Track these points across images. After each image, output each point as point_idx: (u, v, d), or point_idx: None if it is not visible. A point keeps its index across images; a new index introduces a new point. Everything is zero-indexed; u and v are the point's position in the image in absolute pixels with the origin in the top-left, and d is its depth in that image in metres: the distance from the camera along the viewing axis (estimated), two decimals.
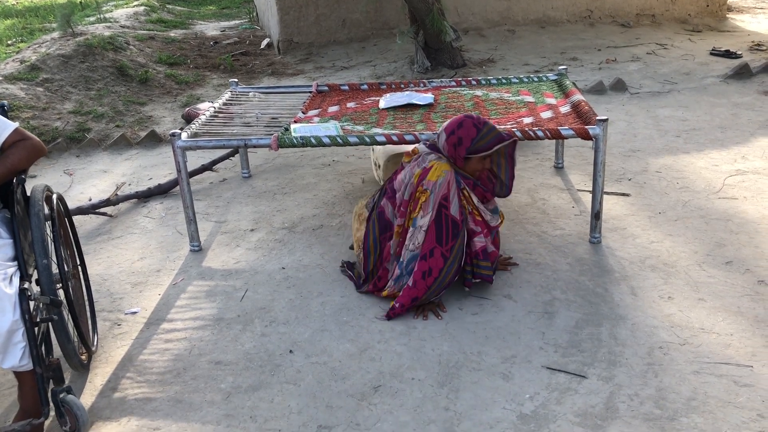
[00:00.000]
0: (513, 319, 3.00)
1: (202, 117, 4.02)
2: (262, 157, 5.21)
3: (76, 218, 4.27)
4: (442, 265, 2.99)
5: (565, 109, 3.89)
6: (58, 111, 5.98)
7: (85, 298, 3.05)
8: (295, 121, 3.94)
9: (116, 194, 4.40)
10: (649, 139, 5.12)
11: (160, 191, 4.60)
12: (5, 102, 2.76)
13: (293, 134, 3.60)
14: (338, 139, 3.49)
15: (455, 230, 2.99)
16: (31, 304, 2.34)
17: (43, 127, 5.70)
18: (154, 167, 5.20)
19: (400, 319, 3.03)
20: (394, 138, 3.46)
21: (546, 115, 3.82)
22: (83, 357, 2.74)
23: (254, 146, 3.57)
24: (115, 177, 5.05)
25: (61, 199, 2.88)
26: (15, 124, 2.54)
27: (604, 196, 4.12)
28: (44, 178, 5.12)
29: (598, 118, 3.40)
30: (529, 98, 4.15)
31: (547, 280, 3.30)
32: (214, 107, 4.19)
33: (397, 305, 3.02)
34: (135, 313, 3.23)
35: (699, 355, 2.70)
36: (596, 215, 3.58)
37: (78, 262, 3.05)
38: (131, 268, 3.66)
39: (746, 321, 2.90)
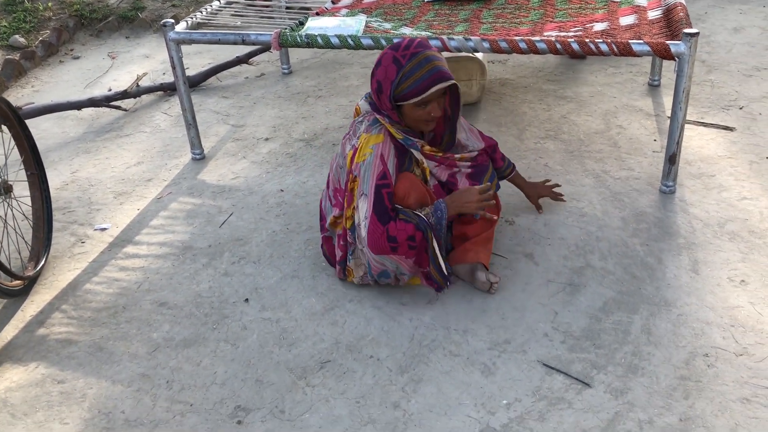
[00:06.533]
0: (524, 289, 2.37)
1: (216, 2, 3.47)
2: (310, 50, 4.62)
3: (89, 111, 3.95)
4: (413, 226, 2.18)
5: (654, 14, 3.00)
6: None
7: (44, 210, 2.72)
8: (318, 13, 3.31)
9: (136, 85, 4.01)
10: None
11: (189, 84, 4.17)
12: None
13: (302, 31, 3.00)
14: (349, 40, 2.85)
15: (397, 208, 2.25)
16: None
17: (97, 4, 5.37)
18: (199, 54, 4.75)
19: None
20: None
21: (626, 21, 2.95)
22: (13, 283, 2.43)
23: (252, 43, 3.00)
24: (155, 63, 4.67)
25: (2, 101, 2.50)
26: None
27: (700, 130, 3.28)
28: (86, 60, 4.83)
29: (685, 31, 2.53)
30: None
31: (587, 238, 2.61)
32: None
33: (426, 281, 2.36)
34: (104, 229, 2.89)
35: (758, 373, 1.98)
36: (671, 158, 2.78)
37: (35, 171, 2.71)
38: (123, 174, 3.30)
39: None
